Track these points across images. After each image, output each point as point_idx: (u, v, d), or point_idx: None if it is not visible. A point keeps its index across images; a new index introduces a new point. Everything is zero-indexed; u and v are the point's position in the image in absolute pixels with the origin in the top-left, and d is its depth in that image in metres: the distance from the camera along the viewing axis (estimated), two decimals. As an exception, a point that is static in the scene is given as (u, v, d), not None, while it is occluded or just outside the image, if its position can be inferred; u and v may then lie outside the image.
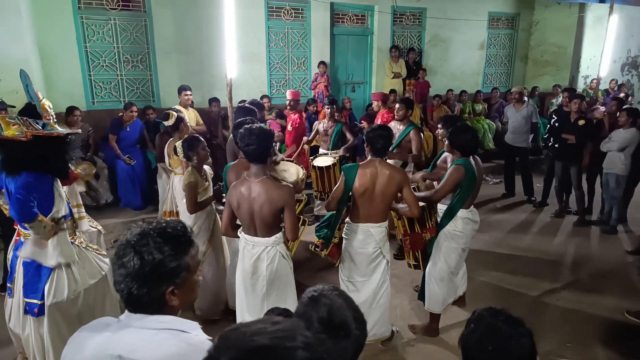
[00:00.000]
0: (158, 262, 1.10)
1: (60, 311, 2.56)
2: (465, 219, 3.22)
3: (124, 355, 1.09)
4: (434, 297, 3.32)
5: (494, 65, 9.73)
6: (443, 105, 7.90)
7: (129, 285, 1.11)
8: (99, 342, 1.14)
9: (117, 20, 6.06)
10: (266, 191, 2.48)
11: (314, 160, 4.91)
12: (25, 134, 2.34)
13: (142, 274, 1.10)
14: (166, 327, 1.14)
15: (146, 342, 1.11)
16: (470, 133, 3.19)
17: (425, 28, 8.62)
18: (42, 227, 2.49)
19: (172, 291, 1.15)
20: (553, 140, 5.69)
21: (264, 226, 2.55)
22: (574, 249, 5.02)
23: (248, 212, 2.53)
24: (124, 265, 1.11)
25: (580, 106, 5.49)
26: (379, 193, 2.87)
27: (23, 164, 2.41)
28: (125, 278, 1.11)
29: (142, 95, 6.43)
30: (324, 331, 1.13)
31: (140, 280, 1.10)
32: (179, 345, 1.11)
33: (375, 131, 2.94)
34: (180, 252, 1.14)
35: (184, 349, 1.10)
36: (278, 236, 2.62)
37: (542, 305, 3.86)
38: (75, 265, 2.64)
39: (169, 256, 1.12)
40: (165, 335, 1.12)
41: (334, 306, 1.17)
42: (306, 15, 7.43)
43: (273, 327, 0.79)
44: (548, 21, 9.67)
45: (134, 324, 1.14)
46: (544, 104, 9.00)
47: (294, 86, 7.64)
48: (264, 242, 2.60)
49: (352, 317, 1.17)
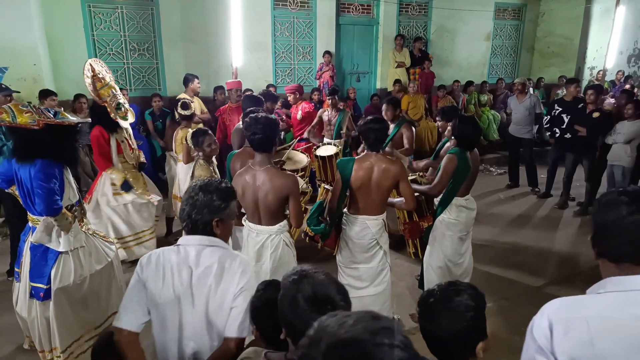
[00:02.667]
0: (212, 199, 1.62)
1: (66, 295, 2.60)
2: (459, 206, 3.21)
3: (190, 264, 1.62)
4: (432, 285, 3.31)
5: (499, 56, 9.69)
6: (448, 95, 7.90)
7: (191, 213, 1.62)
8: (171, 257, 1.64)
9: (125, 8, 6.09)
10: (271, 179, 2.50)
11: (317, 150, 4.96)
12: (38, 122, 2.39)
13: (201, 205, 1.61)
14: (213, 244, 1.65)
15: (199, 253, 1.62)
16: (474, 127, 3.16)
17: (431, 18, 8.59)
18: (64, 219, 2.55)
19: (217, 222, 1.65)
20: (563, 132, 5.63)
21: (268, 214, 2.58)
22: (578, 240, 5.02)
23: (252, 200, 2.56)
24: (192, 199, 1.63)
25: (596, 98, 5.39)
26: (375, 187, 2.85)
27: (35, 151, 2.45)
28: (191, 209, 1.62)
29: (148, 84, 6.48)
30: (311, 308, 1.19)
31: (200, 209, 1.62)
32: (224, 253, 1.65)
33: (368, 124, 2.89)
34: (226, 199, 1.66)
35: (227, 255, 1.64)
36: (282, 224, 2.65)
37: (544, 296, 3.78)
38: (81, 251, 2.68)
39: (220, 199, 1.64)
40: (214, 248, 1.64)
41: (316, 283, 1.24)
42: (312, 5, 7.42)
43: (373, 323, 0.79)
44: (555, 12, 9.59)
45: (190, 242, 1.65)
46: (549, 95, 8.97)
47: (299, 75, 7.66)
48: (267, 230, 2.62)
49: (335, 290, 1.23)
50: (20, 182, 2.54)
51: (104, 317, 2.88)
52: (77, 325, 2.71)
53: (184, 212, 1.64)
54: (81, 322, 2.73)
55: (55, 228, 2.58)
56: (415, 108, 7.40)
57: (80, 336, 2.75)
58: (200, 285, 1.60)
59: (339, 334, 0.77)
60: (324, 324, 0.81)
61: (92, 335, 2.80)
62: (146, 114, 5.89)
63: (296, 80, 7.52)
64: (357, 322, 0.79)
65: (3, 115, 2.38)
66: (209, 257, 1.63)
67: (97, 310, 2.82)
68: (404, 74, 7.99)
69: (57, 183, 2.50)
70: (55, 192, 2.47)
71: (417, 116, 7.38)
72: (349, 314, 0.83)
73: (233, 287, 1.60)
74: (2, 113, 2.39)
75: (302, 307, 1.20)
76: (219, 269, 1.61)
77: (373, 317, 0.81)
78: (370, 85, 8.42)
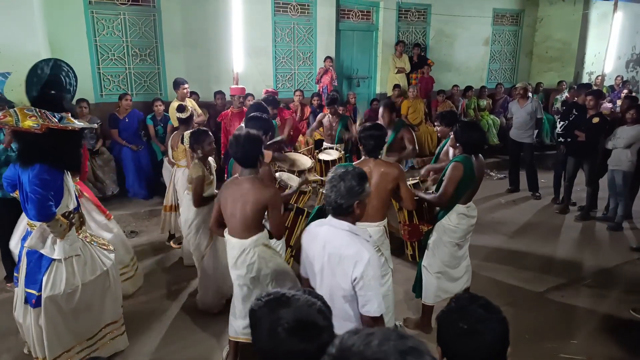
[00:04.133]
0: (352, 185, 1.87)
1: (55, 304, 2.55)
2: (460, 214, 3.17)
3: (325, 244, 1.92)
4: (428, 289, 3.28)
5: (498, 61, 9.75)
6: (447, 100, 7.94)
7: (336, 198, 1.88)
8: (321, 233, 1.97)
9: (127, 14, 6.14)
10: (251, 189, 2.50)
11: (319, 154, 4.99)
12: (41, 126, 2.36)
13: (344, 191, 1.87)
14: (349, 229, 1.90)
15: (336, 236, 1.91)
16: (479, 132, 3.14)
17: (430, 24, 8.66)
18: (58, 225, 2.51)
19: (357, 203, 1.90)
20: (564, 136, 5.59)
21: (243, 225, 2.54)
22: (579, 245, 5.01)
23: (232, 212, 2.54)
24: (335, 187, 1.88)
25: (596, 103, 5.37)
26: (374, 192, 2.81)
27: (37, 155, 2.43)
28: (336, 195, 1.87)
29: (150, 89, 6.51)
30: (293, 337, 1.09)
31: (343, 195, 1.87)
32: (353, 238, 1.89)
33: (367, 131, 2.88)
34: (362, 182, 1.90)
35: (356, 240, 1.88)
36: (256, 238, 2.58)
37: (546, 301, 3.83)
38: (76, 259, 2.62)
39: (357, 184, 1.88)
40: (347, 233, 1.90)
41: (297, 309, 1.13)
42: (312, 11, 7.48)
43: (401, 342, 0.77)
44: (553, 18, 9.67)
45: (332, 224, 1.94)
46: (548, 100, 9.02)
47: (299, 80, 7.70)
48: (240, 245, 2.57)
49: (316, 312, 1.13)
50: (21, 186, 2.52)
51: (97, 329, 2.80)
52: (68, 335, 2.64)
53: (330, 198, 1.90)
54: (72, 333, 2.67)
55: (51, 235, 2.54)
56: (415, 112, 7.44)
57: (71, 347, 2.68)
58: (330, 262, 1.89)
59: (367, 355, 0.75)
60: (347, 343, 0.78)
61: (83, 347, 2.73)
62: (147, 118, 5.92)
63: (296, 86, 7.56)
64: (384, 341, 0.76)
65: (7, 119, 2.37)
66: (341, 239, 1.88)
67: (89, 321, 2.74)
68: (404, 79, 8.05)
69: (52, 190, 2.46)
70: (49, 198, 2.44)
71: (417, 121, 7.42)
72: (371, 331, 0.80)
73: (349, 274, 1.83)
74: (6, 117, 2.37)
75: (283, 338, 1.09)
76: (341, 252, 1.86)
77: (399, 335, 0.79)
78: (370, 90, 8.47)
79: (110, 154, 5.73)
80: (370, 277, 1.82)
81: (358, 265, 1.81)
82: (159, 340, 3.23)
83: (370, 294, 1.83)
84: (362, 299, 1.85)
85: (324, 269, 1.93)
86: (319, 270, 1.96)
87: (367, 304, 1.84)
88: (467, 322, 1.29)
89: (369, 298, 1.83)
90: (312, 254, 1.99)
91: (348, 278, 1.84)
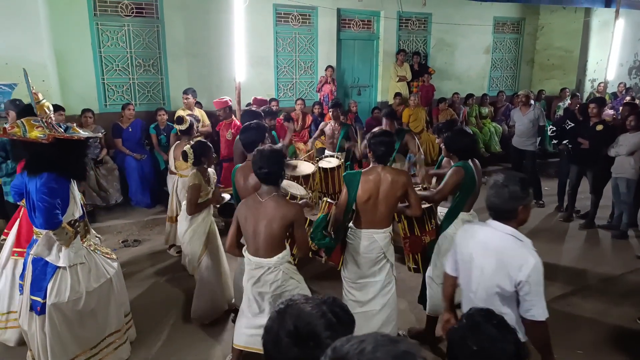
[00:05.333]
0: (516, 190, 1.91)
1: (60, 312, 2.56)
2: (466, 221, 3.14)
3: (487, 245, 1.98)
4: (434, 301, 3.26)
5: (499, 69, 9.78)
6: (449, 108, 7.95)
7: (501, 203, 1.93)
8: (482, 234, 2.04)
9: (131, 26, 6.24)
10: (276, 207, 2.48)
11: (320, 162, 4.99)
12: (48, 136, 2.40)
13: (508, 196, 1.91)
14: (510, 233, 1.95)
15: (500, 239, 1.95)
16: (468, 137, 3.16)
17: (431, 33, 8.71)
18: (64, 233, 2.54)
19: (521, 208, 1.94)
20: (569, 143, 5.59)
21: (268, 244, 2.52)
22: (584, 253, 4.96)
23: (253, 231, 2.52)
24: (499, 192, 1.93)
25: (599, 111, 5.39)
26: (382, 199, 2.84)
27: (44, 165, 2.47)
28: (500, 200, 1.93)
29: (153, 98, 6.58)
30: (292, 345, 1.07)
31: (506, 199, 1.92)
32: (518, 242, 1.94)
33: (377, 137, 2.89)
34: (526, 188, 1.95)
35: (520, 244, 1.93)
36: (281, 256, 2.57)
37: (551, 311, 3.65)
38: (80, 267, 2.64)
39: (521, 189, 1.92)
40: (512, 237, 1.94)
41: (300, 315, 1.11)
42: (313, 21, 7.56)
43: (394, 347, 0.76)
44: (554, 25, 9.70)
45: (495, 226, 1.99)
46: (550, 108, 9.01)
47: (301, 90, 7.75)
48: (266, 263, 2.55)
49: (323, 325, 1.08)
50: (28, 195, 2.56)
51: (101, 337, 2.80)
52: (72, 343, 2.65)
53: (493, 203, 1.97)
54: (77, 341, 2.67)
55: (57, 242, 2.57)
56: (417, 121, 7.45)
57: (75, 356, 2.68)
58: (492, 263, 1.95)
59: None
60: (342, 351, 0.78)
61: (87, 355, 2.73)
62: (151, 128, 5.97)
63: (297, 95, 7.61)
64: (377, 347, 0.75)
65: (15, 130, 2.41)
66: (505, 242, 1.94)
67: (93, 329, 2.75)
68: (405, 87, 8.08)
69: (59, 197, 2.50)
70: (56, 207, 2.48)
71: (419, 129, 7.43)
72: (362, 338, 0.79)
73: (514, 277, 1.87)
74: (14, 128, 2.42)
75: (285, 344, 1.07)
76: (506, 255, 1.92)
77: (391, 340, 0.78)
78: (371, 99, 8.51)
79: (114, 163, 5.77)
80: (535, 282, 1.85)
81: (523, 269, 1.84)
82: (159, 348, 3.23)
83: (536, 299, 1.87)
84: (526, 304, 1.89)
85: (484, 268, 1.97)
86: (477, 268, 2.00)
87: (532, 308, 1.88)
88: (477, 343, 1.26)
89: (534, 303, 1.87)
90: (467, 252, 2.06)
91: (511, 281, 1.88)
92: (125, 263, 4.34)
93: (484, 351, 1.26)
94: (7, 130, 2.41)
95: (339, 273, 3.25)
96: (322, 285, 3.99)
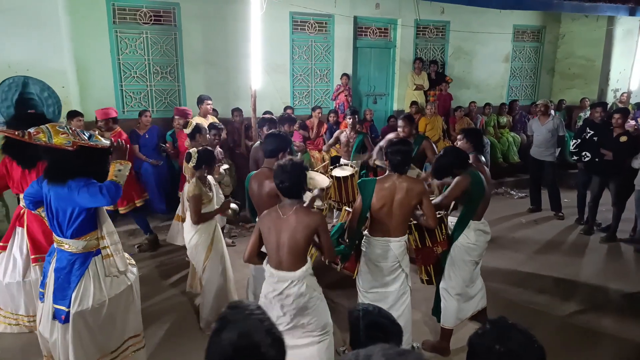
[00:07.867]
0: None
1: (83, 319, 2.58)
2: (478, 230, 3.18)
3: None
4: (449, 312, 3.24)
5: (519, 77, 9.61)
6: (465, 117, 7.84)
7: None
8: None
9: (149, 33, 6.34)
10: (300, 217, 2.47)
11: (333, 170, 4.95)
12: (73, 143, 2.39)
13: None
14: None
15: None
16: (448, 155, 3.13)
17: (449, 41, 8.62)
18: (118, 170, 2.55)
19: None
20: (592, 155, 5.46)
21: (292, 256, 2.49)
22: (605, 268, 4.81)
23: (276, 243, 2.50)
24: None
25: (623, 122, 5.30)
26: (397, 207, 2.83)
27: (67, 172, 2.46)
28: None
29: (170, 105, 6.65)
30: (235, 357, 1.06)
31: None
32: None
33: (394, 146, 2.87)
34: None
35: None
36: (304, 269, 2.53)
37: (569, 326, 3.68)
38: (102, 275, 2.66)
39: None
40: None
41: (244, 326, 1.10)
42: (330, 29, 7.56)
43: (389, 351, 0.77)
44: (575, 34, 9.50)
45: None
46: (571, 118, 8.80)
47: (316, 97, 7.75)
48: (290, 277, 2.50)
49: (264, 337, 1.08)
50: (49, 204, 2.54)
51: (120, 341, 2.81)
52: (93, 349, 2.66)
53: None
54: (97, 346, 2.68)
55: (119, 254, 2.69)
56: (433, 130, 7.36)
57: None
58: None
59: None
60: None
61: (107, 359, 2.75)
62: (167, 135, 6.01)
63: (313, 102, 7.61)
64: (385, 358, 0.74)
65: (40, 135, 2.38)
66: None
67: (113, 334, 2.76)
68: (421, 96, 8.00)
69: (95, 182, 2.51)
70: (101, 187, 2.46)
71: (435, 138, 7.32)
72: (370, 351, 0.78)
73: None
74: (39, 133, 2.39)
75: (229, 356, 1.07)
76: None
77: (399, 353, 0.77)
78: (387, 107, 8.45)
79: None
80: None
81: None
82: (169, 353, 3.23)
83: None
84: None
85: None
86: None
87: None
88: (505, 345, 1.23)
89: None
90: None
91: None
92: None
93: (511, 354, 1.21)
94: (32, 135, 2.38)
95: (353, 282, 3.23)
96: (336, 294, 3.95)
